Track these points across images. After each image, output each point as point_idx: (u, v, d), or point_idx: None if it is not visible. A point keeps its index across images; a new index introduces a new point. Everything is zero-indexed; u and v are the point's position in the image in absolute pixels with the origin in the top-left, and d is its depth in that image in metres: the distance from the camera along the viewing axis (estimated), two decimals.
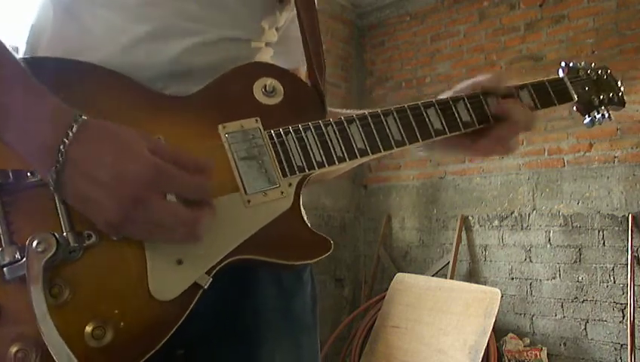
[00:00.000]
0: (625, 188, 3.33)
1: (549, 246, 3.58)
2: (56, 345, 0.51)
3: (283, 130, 0.73)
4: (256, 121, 0.73)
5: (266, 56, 0.87)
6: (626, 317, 3.18)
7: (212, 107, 0.72)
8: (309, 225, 0.73)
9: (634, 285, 3.14)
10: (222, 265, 0.64)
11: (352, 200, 4.57)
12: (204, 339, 0.71)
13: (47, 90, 0.58)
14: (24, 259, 0.54)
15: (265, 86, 0.76)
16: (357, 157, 0.77)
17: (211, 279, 0.63)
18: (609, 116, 1.04)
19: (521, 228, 3.72)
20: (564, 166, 3.60)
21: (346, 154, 0.76)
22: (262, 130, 0.72)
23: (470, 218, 3.97)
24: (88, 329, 0.56)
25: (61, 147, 0.54)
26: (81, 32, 0.74)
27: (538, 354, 3.37)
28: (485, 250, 3.87)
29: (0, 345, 0.53)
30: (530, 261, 3.65)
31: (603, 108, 1.03)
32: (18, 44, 0.80)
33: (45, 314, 0.51)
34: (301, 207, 0.74)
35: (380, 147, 0.80)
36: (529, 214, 3.70)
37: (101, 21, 0.73)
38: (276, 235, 0.69)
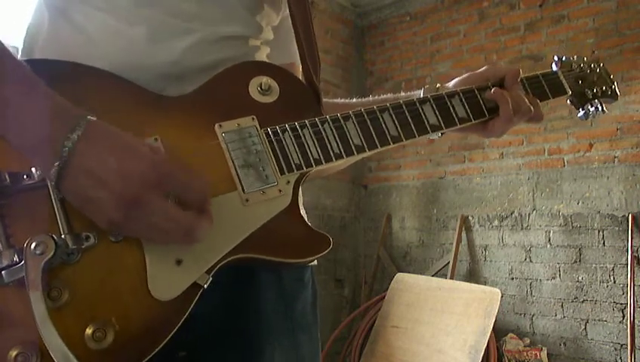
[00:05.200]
0: (625, 188, 3.33)
1: (549, 246, 3.58)
2: (57, 348, 0.50)
3: (280, 127, 0.73)
4: (253, 119, 0.73)
5: (264, 55, 0.86)
6: (626, 317, 3.17)
7: (208, 106, 0.72)
8: (308, 222, 0.73)
9: (634, 285, 3.14)
10: (221, 264, 0.64)
11: (352, 200, 4.57)
12: (205, 341, 0.71)
13: (51, 89, 0.58)
14: (22, 261, 0.53)
15: (260, 84, 0.75)
16: (354, 154, 0.77)
17: (211, 278, 0.63)
18: (602, 109, 1.04)
19: (521, 228, 3.72)
20: (564, 166, 3.60)
21: (342, 151, 0.76)
22: (258, 128, 0.72)
23: (470, 218, 3.97)
24: (89, 331, 0.56)
25: (65, 142, 0.54)
26: (74, 32, 0.73)
27: (538, 354, 3.37)
28: (485, 250, 3.86)
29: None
30: (530, 261, 3.65)
31: (596, 101, 1.04)
32: (18, 45, 0.79)
33: (45, 317, 0.51)
34: (300, 204, 0.73)
35: (377, 143, 0.79)
36: (529, 214, 3.70)
37: (95, 22, 0.72)
38: (275, 233, 0.69)
